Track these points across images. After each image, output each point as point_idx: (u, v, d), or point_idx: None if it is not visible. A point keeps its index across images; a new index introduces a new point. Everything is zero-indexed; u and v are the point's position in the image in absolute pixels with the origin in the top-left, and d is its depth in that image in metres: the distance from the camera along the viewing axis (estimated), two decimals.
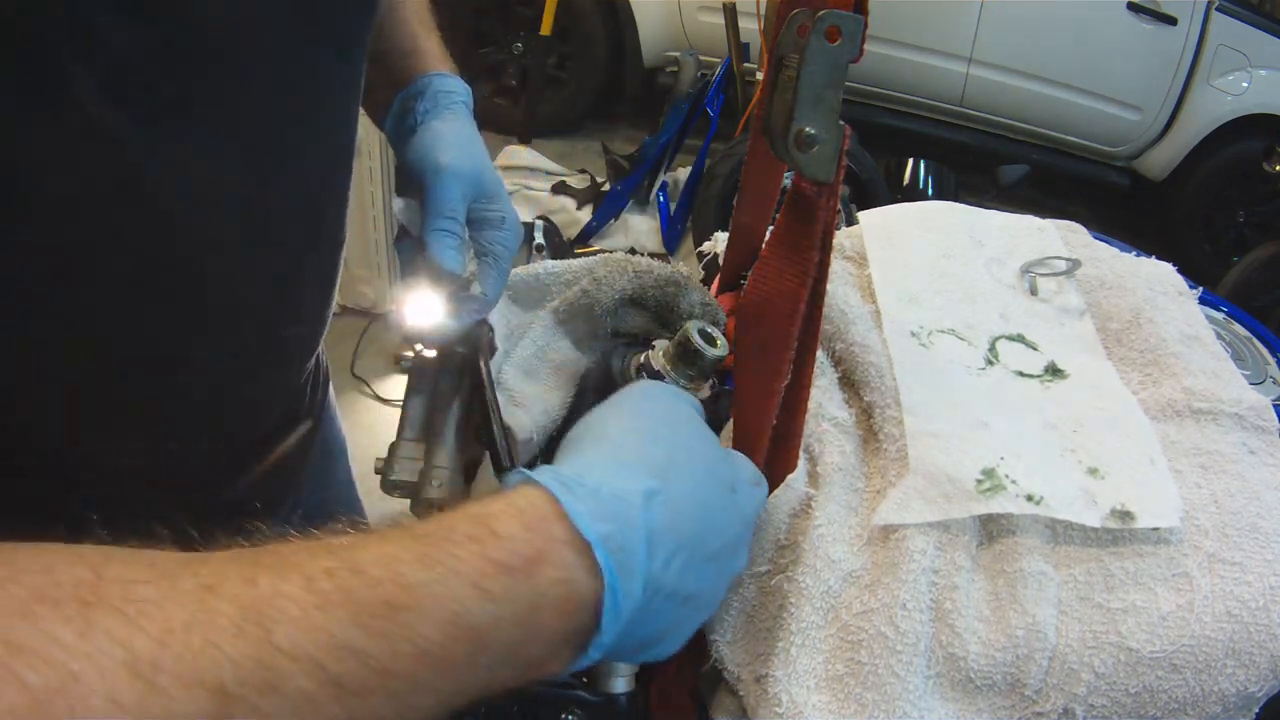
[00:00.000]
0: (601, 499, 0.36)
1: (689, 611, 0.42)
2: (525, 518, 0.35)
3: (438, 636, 0.32)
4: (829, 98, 0.48)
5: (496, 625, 0.33)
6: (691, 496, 0.40)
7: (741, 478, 0.47)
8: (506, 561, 0.33)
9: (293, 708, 0.29)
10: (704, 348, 0.64)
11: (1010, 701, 0.56)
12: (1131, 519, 0.59)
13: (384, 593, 0.31)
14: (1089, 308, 0.80)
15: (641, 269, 0.76)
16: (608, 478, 0.38)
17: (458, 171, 0.63)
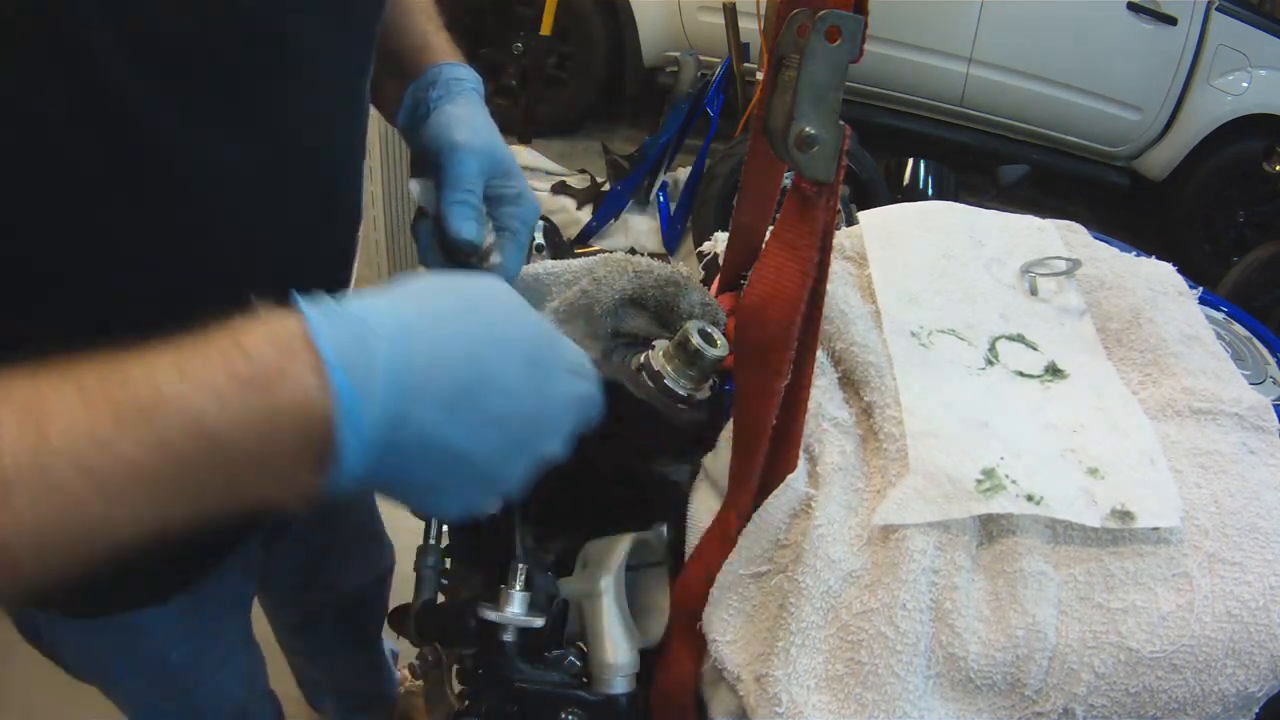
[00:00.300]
0: (352, 328, 0.38)
1: (464, 472, 0.42)
2: (274, 337, 0.37)
3: (180, 439, 0.35)
4: (829, 98, 0.48)
5: (234, 433, 0.35)
6: (465, 349, 0.41)
7: (557, 362, 0.46)
8: (248, 376, 0.36)
9: (62, 499, 0.33)
10: (704, 347, 0.64)
11: (1010, 701, 0.56)
12: (1131, 519, 0.59)
13: (139, 397, 0.34)
14: (1089, 308, 0.80)
15: (641, 269, 0.76)
16: (375, 313, 0.39)
17: (473, 148, 0.64)
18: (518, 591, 0.58)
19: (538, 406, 0.45)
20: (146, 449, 0.34)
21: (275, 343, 0.37)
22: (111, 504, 0.35)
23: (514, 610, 0.57)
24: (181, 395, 0.35)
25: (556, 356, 0.46)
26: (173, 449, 0.35)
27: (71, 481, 0.34)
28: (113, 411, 0.34)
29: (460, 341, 0.41)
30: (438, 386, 0.39)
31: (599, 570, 0.64)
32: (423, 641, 0.65)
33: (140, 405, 0.35)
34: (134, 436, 0.34)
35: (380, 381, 0.37)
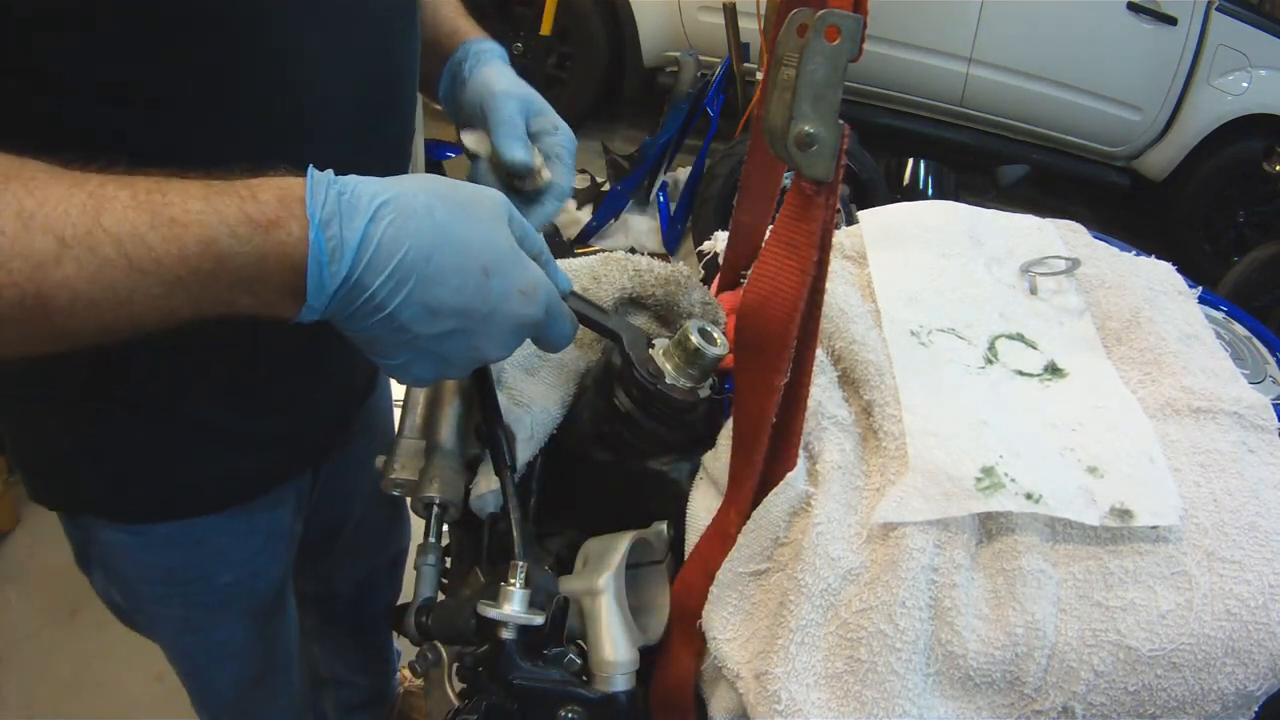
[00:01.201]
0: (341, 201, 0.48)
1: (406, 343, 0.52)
2: (281, 194, 0.47)
3: (195, 250, 0.46)
4: (829, 97, 0.48)
5: (235, 258, 0.47)
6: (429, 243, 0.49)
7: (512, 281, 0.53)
8: (254, 216, 0.47)
9: (99, 265, 0.44)
10: (704, 346, 0.64)
11: (1009, 699, 0.57)
12: (1131, 517, 0.59)
13: (171, 211, 0.46)
14: (1088, 307, 0.80)
15: (642, 268, 0.76)
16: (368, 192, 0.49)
17: (510, 93, 0.74)
18: (518, 589, 0.58)
19: (480, 311, 0.52)
20: (169, 250, 0.45)
21: (281, 198, 0.47)
22: (137, 283, 0.45)
23: (514, 608, 0.57)
24: (203, 219, 0.46)
25: (512, 275, 0.53)
26: (188, 256, 0.46)
27: (111, 258, 0.45)
28: (151, 216, 0.45)
29: (426, 236, 0.49)
30: (393, 266, 0.48)
31: (599, 568, 0.64)
32: (422, 639, 0.65)
33: (172, 217, 0.45)
34: (163, 238, 0.45)
35: (348, 248, 0.47)
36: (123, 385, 0.72)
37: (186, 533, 0.82)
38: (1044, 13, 3.55)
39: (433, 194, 0.51)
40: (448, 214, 0.51)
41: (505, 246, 0.53)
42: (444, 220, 0.50)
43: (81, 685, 1.71)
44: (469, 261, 0.51)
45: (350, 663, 1.43)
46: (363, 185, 0.49)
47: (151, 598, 0.87)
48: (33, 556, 1.95)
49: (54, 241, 0.44)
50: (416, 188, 0.51)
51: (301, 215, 0.47)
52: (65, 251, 0.44)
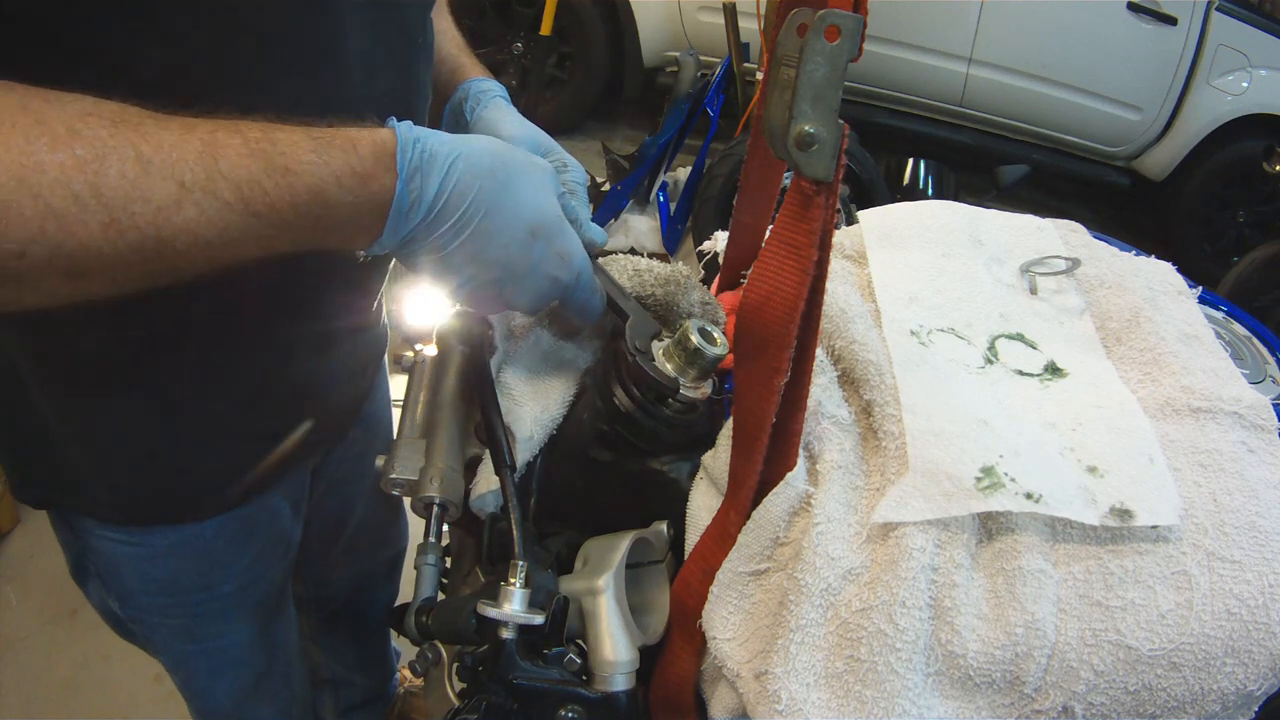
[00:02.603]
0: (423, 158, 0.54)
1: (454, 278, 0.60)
2: (376, 148, 0.53)
3: (305, 196, 0.51)
4: (828, 97, 0.48)
5: (338, 205, 0.52)
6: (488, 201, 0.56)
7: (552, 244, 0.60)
8: (356, 169, 0.52)
9: (218, 209, 0.48)
10: (704, 346, 0.64)
11: (1009, 699, 0.56)
12: (1131, 517, 0.59)
13: (285, 161, 0.50)
14: (1088, 307, 0.80)
15: (641, 268, 0.76)
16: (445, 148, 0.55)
17: (517, 137, 0.76)
18: (518, 589, 0.58)
19: (520, 265, 0.59)
20: (282, 196, 0.50)
21: (377, 154, 0.53)
22: (249, 224, 0.49)
23: (514, 607, 0.57)
24: (313, 169, 0.51)
25: (553, 239, 0.60)
26: (299, 203, 0.50)
27: (230, 201, 0.48)
28: (265, 163, 0.49)
29: (488, 194, 0.56)
30: (456, 217, 0.56)
31: (599, 568, 0.64)
32: (422, 639, 0.65)
33: (286, 165, 0.50)
34: (275, 184, 0.49)
35: (425, 200, 0.54)
36: (124, 380, 0.72)
37: (188, 541, 0.82)
38: (1044, 13, 3.55)
39: (496, 156, 0.57)
40: (508, 176, 0.57)
41: (552, 213, 0.60)
42: (504, 181, 0.57)
43: (81, 685, 1.71)
44: (519, 221, 0.58)
45: (349, 663, 1.43)
46: (439, 142, 0.55)
47: (153, 608, 0.87)
48: (33, 556, 1.95)
49: (175, 186, 0.46)
50: (482, 149, 0.57)
51: (393, 169, 0.53)
52: (186, 196, 0.46)
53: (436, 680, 0.78)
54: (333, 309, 0.81)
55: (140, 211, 0.45)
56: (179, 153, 0.46)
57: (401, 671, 1.59)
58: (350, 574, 1.23)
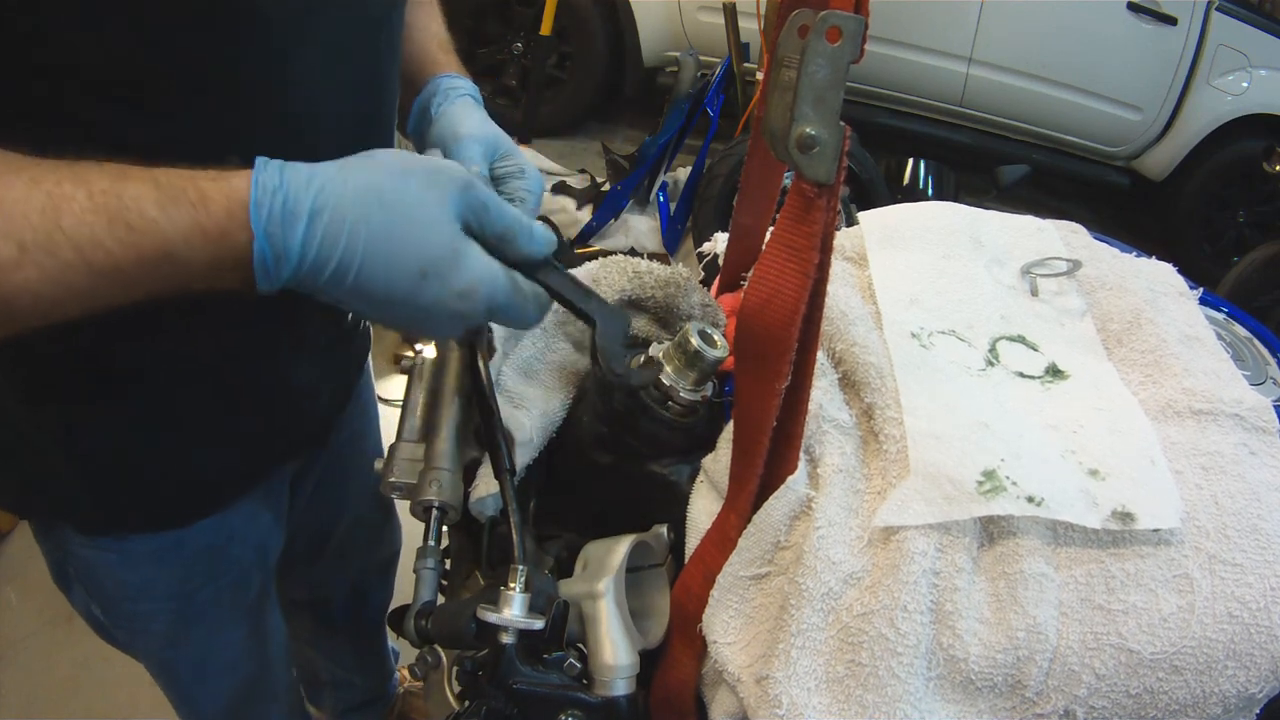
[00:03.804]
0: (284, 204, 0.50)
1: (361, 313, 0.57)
2: (229, 203, 0.50)
3: (152, 255, 0.48)
4: (829, 98, 0.48)
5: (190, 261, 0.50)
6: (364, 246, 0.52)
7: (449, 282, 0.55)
8: (205, 227, 0.49)
9: (59, 269, 0.46)
10: (704, 349, 0.64)
11: (1011, 703, 0.56)
12: (1132, 520, 0.59)
13: (128, 217, 0.47)
14: (1089, 308, 0.80)
15: (641, 270, 0.76)
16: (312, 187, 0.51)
17: (474, 136, 0.72)
18: (517, 593, 0.58)
19: (416, 308, 0.55)
20: (127, 254, 0.48)
21: (229, 209, 0.50)
22: (96, 283, 0.48)
23: (514, 612, 0.57)
24: (157, 227, 0.48)
25: (449, 277, 0.54)
26: (145, 260, 0.48)
27: (71, 261, 0.46)
28: (108, 219, 0.47)
29: (360, 240, 0.52)
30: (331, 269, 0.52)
31: (599, 572, 0.64)
32: (422, 642, 0.65)
33: (129, 223, 0.47)
34: (120, 243, 0.47)
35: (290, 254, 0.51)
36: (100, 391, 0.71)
37: (166, 548, 0.82)
38: (1044, 13, 3.55)
39: (372, 192, 0.52)
40: (383, 217, 0.52)
41: (444, 249, 0.54)
42: (378, 225, 0.52)
43: (81, 685, 1.70)
44: (402, 265, 0.53)
45: (348, 664, 1.43)
46: (305, 188, 0.51)
47: (134, 614, 0.87)
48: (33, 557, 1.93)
49: (15, 247, 0.45)
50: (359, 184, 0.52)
51: (247, 225, 0.49)
52: (25, 257, 0.46)
53: (436, 684, 0.78)
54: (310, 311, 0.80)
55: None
56: (22, 209, 0.45)
57: (401, 671, 1.59)
58: (344, 577, 1.23)
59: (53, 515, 0.80)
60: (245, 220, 0.50)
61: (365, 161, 0.54)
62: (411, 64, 0.82)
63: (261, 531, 0.92)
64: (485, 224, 0.57)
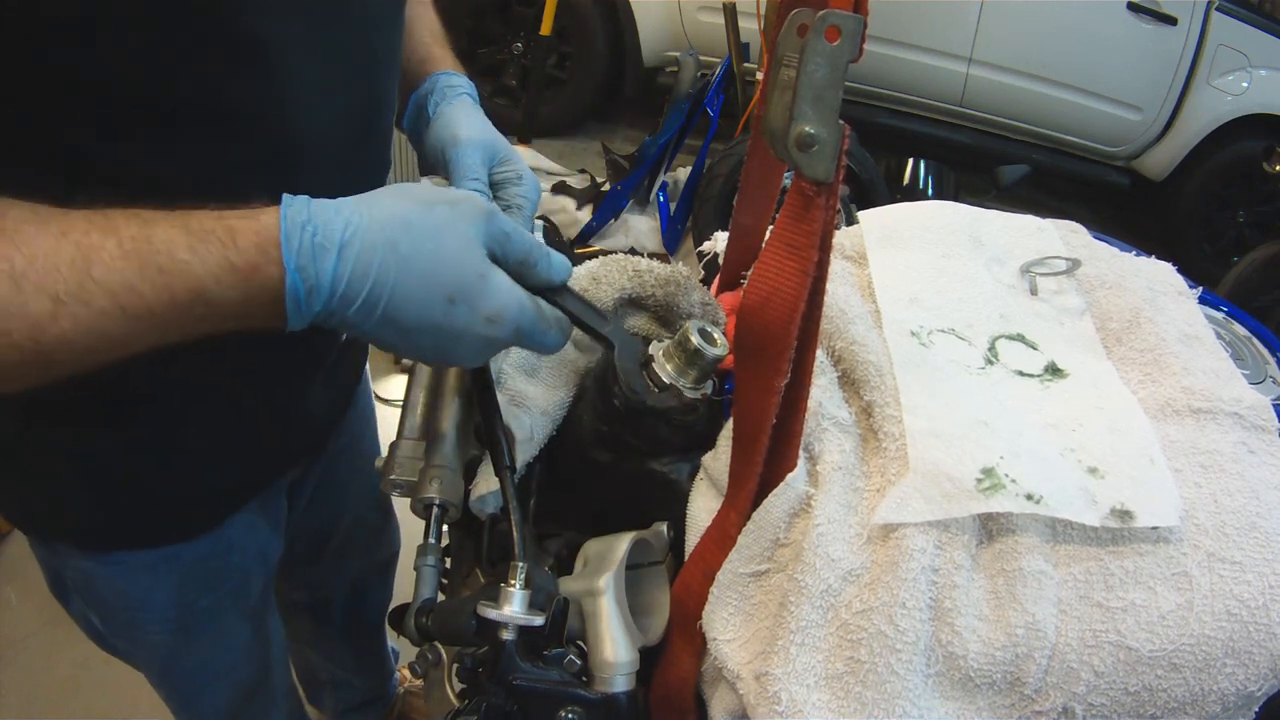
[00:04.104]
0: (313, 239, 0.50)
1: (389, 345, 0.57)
2: (259, 239, 0.50)
3: (185, 297, 0.49)
4: (829, 97, 0.48)
5: (222, 301, 0.50)
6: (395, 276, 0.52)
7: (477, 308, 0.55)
8: (236, 265, 0.49)
9: (94, 318, 0.47)
10: (704, 347, 0.64)
11: (1010, 700, 0.56)
12: (1131, 518, 0.59)
13: (159, 260, 0.48)
14: (1089, 307, 0.80)
15: (641, 269, 0.76)
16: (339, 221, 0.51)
17: (473, 140, 0.72)
18: (518, 590, 0.58)
19: (446, 333, 0.55)
20: (160, 298, 0.48)
21: (259, 244, 0.50)
22: (131, 328, 0.48)
23: (514, 608, 0.57)
24: (189, 268, 0.48)
25: (477, 303, 0.55)
26: (178, 302, 0.49)
27: (106, 309, 0.47)
28: (139, 265, 0.47)
29: (391, 269, 0.52)
30: (361, 299, 0.52)
31: (599, 569, 0.64)
32: (422, 640, 0.65)
33: (160, 266, 0.48)
34: (153, 287, 0.48)
35: (322, 287, 0.51)
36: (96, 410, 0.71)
37: (165, 560, 0.82)
38: (1044, 13, 3.55)
39: (399, 222, 0.53)
40: (412, 245, 0.52)
41: (471, 275, 0.55)
42: (407, 253, 0.52)
43: (81, 685, 1.71)
44: (432, 292, 0.53)
45: (347, 665, 1.43)
46: (333, 221, 0.51)
47: (133, 623, 0.87)
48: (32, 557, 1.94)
49: (49, 300, 0.46)
50: (385, 216, 0.53)
51: (278, 260, 0.50)
52: (61, 309, 0.46)
53: (436, 681, 0.78)
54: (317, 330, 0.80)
55: (17, 328, 0.45)
56: (53, 261, 0.46)
57: (401, 671, 1.59)
58: (344, 578, 1.23)
59: (55, 531, 0.80)
60: (276, 255, 0.50)
61: (390, 193, 0.55)
62: (408, 58, 0.81)
63: (261, 539, 0.92)
64: (508, 251, 0.58)
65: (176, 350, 0.53)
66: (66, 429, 0.72)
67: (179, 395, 0.73)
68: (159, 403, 0.72)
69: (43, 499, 0.78)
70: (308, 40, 0.62)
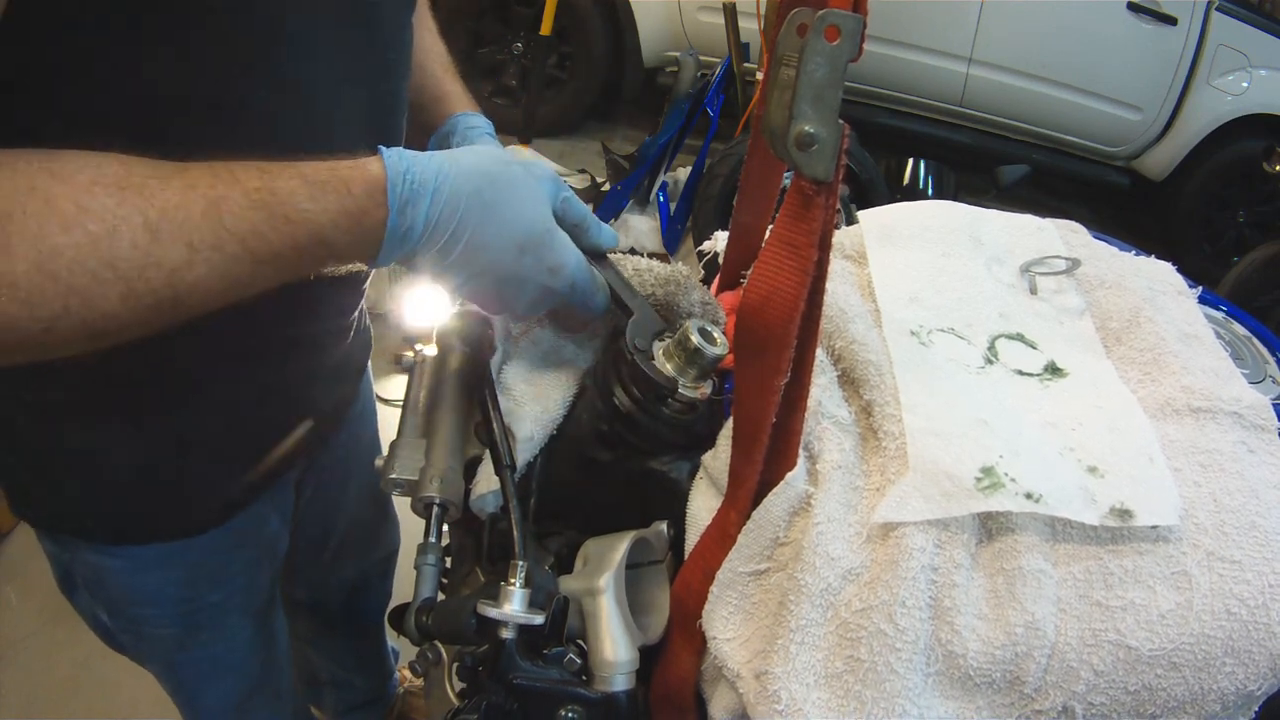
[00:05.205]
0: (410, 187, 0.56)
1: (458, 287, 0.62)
2: (368, 186, 0.55)
3: (306, 240, 0.53)
4: (828, 97, 0.48)
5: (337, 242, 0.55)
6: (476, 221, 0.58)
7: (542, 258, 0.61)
8: (350, 210, 0.54)
9: (226, 263, 0.50)
10: (704, 346, 0.64)
11: (1009, 699, 0.57)
12: (1131, 517, 0.59)
13: (284, 210, 0.52)
14: (1088, 306, 0.80)
15: (641, 268, 0.76)
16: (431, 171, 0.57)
17: None
18: (518, 589, 0.58)
19: (511, 277, 0.61)
20: (286, 244, 0.52)
21: (369, 191, 0.55)
22: (256, 271, 0.52)
23: (514, 607, 0.57)
24: (311, 216, 0.53)
25: (542, 254, 0.61)
26: (301, 247, 0.53)
27: (238, 254, 0.51)
28: (268, 215, 0.51)
29: (475, 214, 0.58)
30: (445, 239, 0.58)
31: (599, 568, 0.64)
32: (422, 639, 0.65)
33: (286, 215, 0.52)
34: (280, 234, 0.52)
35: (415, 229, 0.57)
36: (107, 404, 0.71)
37: (175, 554, 0.82)
38: (1044, 13, 3.55)
39: (483, 174, 0.59)
40: (494, 195, 0.59)
41: (541, 228, 0.61)
42: (490, 200, 0.58)
43: (81, 685, 1.71)
44: (507, 239, 0.59)
45: (348, 664, 1.43)
46: (427, 168, 0.57)
47: (141, 618, 0.87)
48: (33, 557, 1.94)
49: (184, 248, 0.49)
50: (469, 169, 0.59)
51: (384, 204, 0.55)
52: (196, 255, 0.49)
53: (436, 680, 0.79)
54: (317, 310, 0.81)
55: (154, 276, 0.48)
56: (185, 214, 0.49)
57: (401, 671, 1.59)
58: (343, 577, 1.23)
59: (65, 524, 0.80)
60: (383, 200, 0.55)
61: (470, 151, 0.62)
62: (421, 93, 0.84)
63: (270, 534, 0.92)
64: (568, 213, 0.64)
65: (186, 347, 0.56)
66: (79, 422, 0.72)
67: (190, 389, 0.73)
68: (171, 396, 0.73)
69: (53, 492, 0.78)
70: (330, 38, 0.64)
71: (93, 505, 0.77)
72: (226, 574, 0.88)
